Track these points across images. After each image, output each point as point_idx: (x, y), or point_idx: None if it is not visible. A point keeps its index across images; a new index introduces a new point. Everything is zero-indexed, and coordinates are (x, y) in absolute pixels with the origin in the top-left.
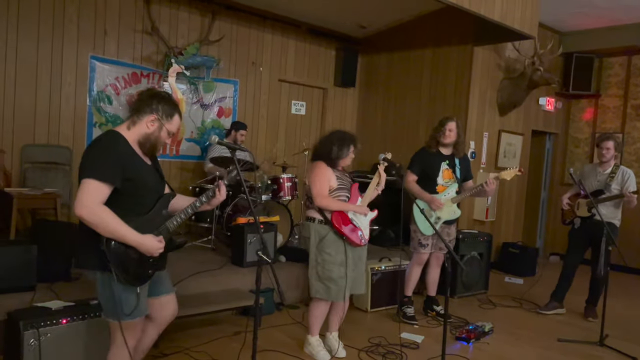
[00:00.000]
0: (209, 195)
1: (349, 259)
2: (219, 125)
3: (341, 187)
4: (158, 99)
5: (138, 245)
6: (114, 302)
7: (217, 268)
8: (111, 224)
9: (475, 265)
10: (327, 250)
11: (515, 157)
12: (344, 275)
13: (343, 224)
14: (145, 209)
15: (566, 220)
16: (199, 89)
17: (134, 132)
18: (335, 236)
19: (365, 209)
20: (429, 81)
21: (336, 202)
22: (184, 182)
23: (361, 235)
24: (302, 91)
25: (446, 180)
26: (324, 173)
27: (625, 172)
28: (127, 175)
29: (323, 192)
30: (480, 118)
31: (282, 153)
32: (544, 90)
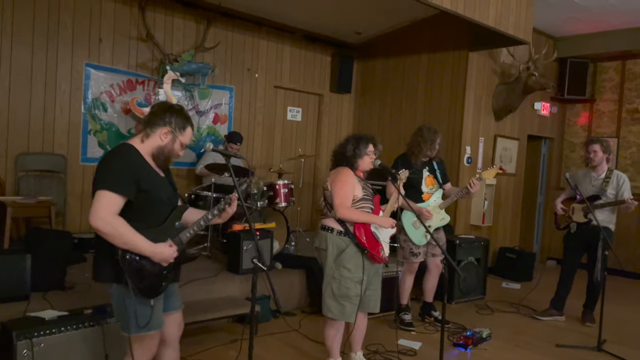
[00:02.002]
0: (220, 209)
1: (365, 277)
2: (214, 132)
3: (366, 198)
4: (171, 111)
5: (152, 254)
6: (128, 315)
7: (213, 275)
8: (126, 234)
9: (472, 271)
10: (347, 265)
11: (512, 161)
12: (360, 294)
13: (366, 237)
14: (158, 221)
15: (560, 225)
16: (194, 95)
17: (148, 145)
18: (355, 250)
19: (391, 221)
20: (425, 87)
21: (361, 214)
22: (179, 188)
23: (382, 251)
24: (297, 97)
25: (430, 187)
26: (349, 181)
27: (620, 176)
28: (141, 187)
29: (347, 202)
30: (475, 123)
31: (278, 159)
32: (539, 95)
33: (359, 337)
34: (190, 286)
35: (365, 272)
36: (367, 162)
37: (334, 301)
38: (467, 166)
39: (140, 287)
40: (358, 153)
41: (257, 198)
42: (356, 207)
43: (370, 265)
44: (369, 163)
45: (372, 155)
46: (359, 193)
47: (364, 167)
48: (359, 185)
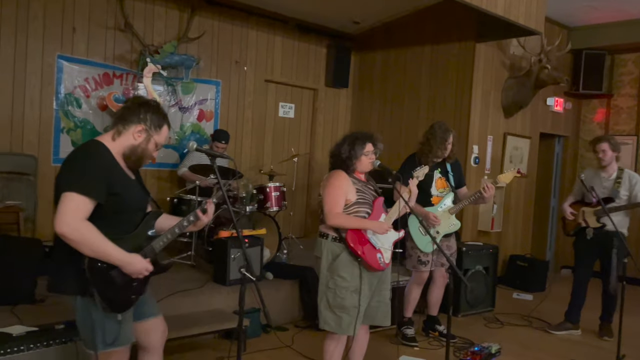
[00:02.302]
0: (196, 215)
1: (365, 285)
2: (199, 130)
3: (361, 202)
4: (146, 107)
5: (125, 264)
6: (94, 331)
7: (198, 287)
8: (96, 242)
9: (481, 281)
10: (341, 273)
11: (522, 162)
12: (358, 305)
13: (359, 243)
14: (129, 227)
15: (570, 231)
16: (177, 90)
17: (119, 144)
18: (350, 257)
19: (385, 226)
20: (428, 81)
21: (351, 220)
22: (161, 192)
23: (380, 258)
24: (290, 92)
25: (440, 190)
26: (340, 185)
27: (632, 176)
28: (112, 190)
29: (336, 208)
30: (483, 120)
31: (268, 160)
32: (552, 90)
33: (359, 352)
34: (172, 298)
35: (365, 280)
36: (366, 163)
37: (331, 312)
38: (474, 167)
39: (108, 300)
40: (354, 154)
41: (245, 202)
42: (348, 212)
43: (371, 274)
44: (367, 164)
45: (370, 156)
46: (352, 197)
47: (363, 169)
48: (352, 188)
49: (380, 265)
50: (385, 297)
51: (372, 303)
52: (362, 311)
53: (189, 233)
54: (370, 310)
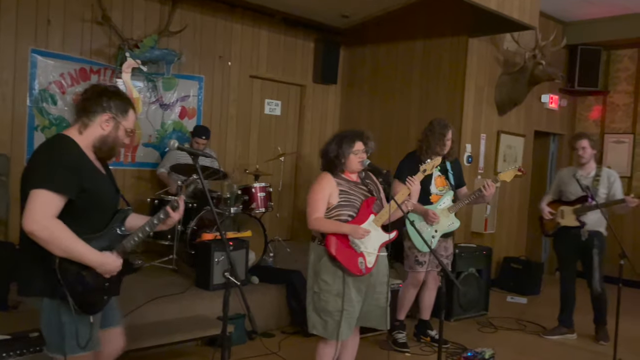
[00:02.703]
0: (166, 214)
1: (350, 290)
2: (181, 127)
3: (343, 204)
4: (108, 95)
5: (98, 264)
6: (64, 334)
7: (180, 292)
8: (66, 241)
9: (474, 284)
10: (323, 276)
11: (517, 161)
12: (341, 309)
13: (338, 247)
14: (100, 225)
15: (549, 231)
16: (157, 86)
17: (88, 136)
18: (331, 261)
19: (360, 231)
20: (420, 77)
21: (328, 224)
22: (141, 193)
23: (362, 262)
24: (276, 89)
25: (440, 189)
26: (322, 189)
27: (611, 174)
28: (83, 186)
29: (315, 212)
30: (477, 118)
31: (254, 159)
32: (547, 86)
33: (348, 357)
34: (153, 304)
35: (350, 285)
36: (355, 162)
37: (317, 316)
38: (467, 166)
39: (81, 301)
40: (342, 153)
41: (230, 203)
42: (330, 215)
43: (358, 278)
44: (356, 163)
45: (360, 155)
46: (333, 200)
47: (352, 168)
48: (336, 191)
49: (360, 270)
50: (379, 301)
51: (365, 307)
52: (351, 316)
53: (170, 236)
54: (365, 314)
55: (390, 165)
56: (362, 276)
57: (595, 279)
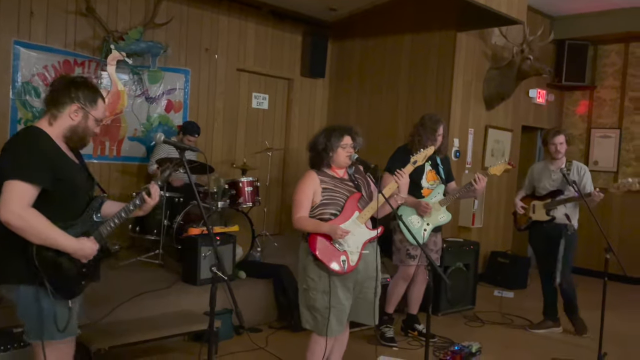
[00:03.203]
0: (141, 199)
1: (337, 288)
2: (167, 121)
3: (327, 202)
4: (76, 85)
5: (75, 250)
6: (43, 319)
7: (166, 287)
8: (42, 228)
9: (461, 278)
10: (310, 274)
11: (504, 156)
12: (329, 306)
13: (319, 246)
14: (75, 213)
15: (521, 226)
16: (143, 79)
17: (58, 127)
18: (315, 259)
19: (338, 232)
20: (408, 71)
21: (309, 223)
22: (126, 187)
23: (344, 261)
24: (264, 82)
25: (431, 183)
26: (305, 188)
27: (581, 167)
28: (57, 176)
29: (299, 212)
30: (464, 112)
31: (241, 153)
32: (535, 81)
33: (337, 352)
34: (139, 299)
35: (336, 283)
36: (342, 157)
37: (308, 311)
38: (455, 161)
39: (59, 287)
40: (330, 146)
41: (217, 197)
42: (313, 214)
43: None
44: (344, 158)
45: (348, 149)
46: (317, 198)
47: (340, 163)
48: (319, 189)
49: (342, 270)
50: (367, 296)
51: (354, 302)
52: (341, 313)
53: (156, 230)
54: (354, 309)
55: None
56: (346, 274)
57: (557, 269)
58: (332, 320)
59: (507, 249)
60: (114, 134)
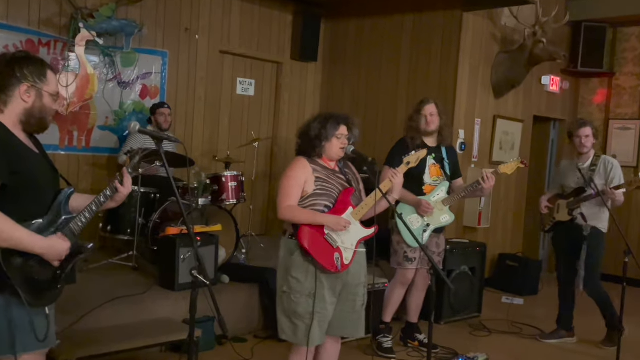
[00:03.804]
0: (112, 189)
1: (324, 290)
2: (142, 108)
3: (321, 193)
4: (19, 63)
5: (44, 250)
6: (14, 330)
7: (141, 293)
8: (5, 230)
9: (466, 283)
10: (294, 274)
11: (514, 149)
12: (312, 311)
13: (311, 240)
14: (40, 209)
15: (545, 227)
16: (116, 62)
17: (11, 113)
18: (303, 256)
19: (342, 223)
20: (409, 55)
21: (303, 213)
22: (97, 181)
23: (337, 258)
24: (250, 66)
25: (434, 179)
26: (294, 175)
27: (608, 162)
28: (15, 168)
29: (288, 200)
30: (471, 101)
31: (224, 145)
32: (548, 67)
33: None
34: (111, 306)
35: (324, 284)
36: (336, 148)
37: (286, 319)
38: (460, 154)
39: (33, 293)
40: (324, 134)
41: (197, 194)
42: (304, 205)
43: (332, 276)
44: (338, 149)
45: (343, 140)
46: (309, 188)
47: (332, 154)
48: (312, 178)
49: (335, 267)
50: (355, 304)
51: (337, 311)
52: (324, 319)
53: (130, 230)
54: (337, 319)
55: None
56: (338, 274)
57: (579, 276)
58: (315, 327)
59: (517, 251)
60: (83, 122)
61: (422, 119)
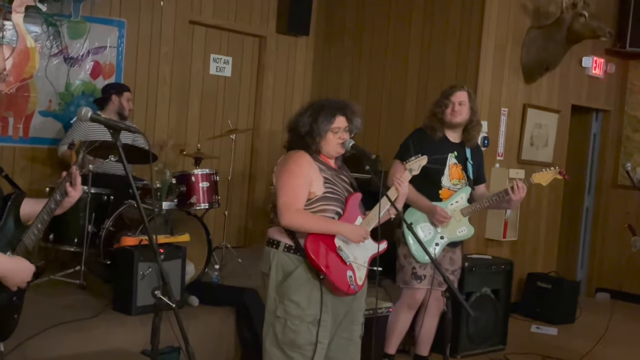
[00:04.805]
0: (62, 192)
1: (327, 315)
2: (93, 90)
3: (330, 196)
4: None
5: (9, 273)
6: None
7: (90, 317)
8: None
9: (488, 308)
10: (294, 297)
11: (548, 145)
12: (315, 341)
13: (324, 254)
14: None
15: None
16: (61, 33)
17: None
18: (308, 274)
19: (362, 232)
20: (421, 30)
21: (317, 220)
22: (37, 179)
23: (351, 277)
24: (226, 40)
25: (454, 182)
26: (301, 172)
27: None
28: None
29: (295, 202)
30: (496, 87)
31: (194, 136)
32: (590, 46)
33: None
34: (55, 332)
35: (328, 308)
36: (333, 144)
37: (279, 351)
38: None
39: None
40: (316, 129)
41: (161, 196)
42: (312, 209)
43: (337, 299)
44: (335, 145)
45: (341, 134)
46: (318, 189)
47: (330, 151)
48: (319, 177)
49: (350, 288)
50: (353, 334)
51: (335, 340)
52: (322, 352)
53: (77, 239)
54: (333, 351)
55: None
56: (342, 298)
57: None
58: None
59: (550, 270)
60: (21, 106)
61: (449, 107)
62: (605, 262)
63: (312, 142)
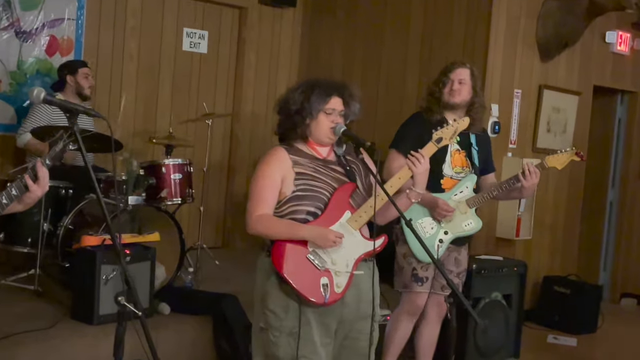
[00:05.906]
0: (21, 187)
1: (312, 328)
2: (50, 69)
3: (303, 195)
4: None
5: None
6: None
7: (46, 327)
8: None
9: (499, 316)
10: (271, 305)
11: (566, 131)
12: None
13: (289, 260)
14: None
15: None
16: (12, 3)
17: None
18: (281, 281)
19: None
20: (424, 3)
21: (278, 225)
22: None
23: (326, 285)
24: (201, 12)
25: (457, 170)
26: (270, 173)
27: None
28: None
29: (259, 207)
30: (508, 65)
31: (165, 121)
32: (615, 19)
33: None
34: (7, 345)
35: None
36: (325, 127)
37: None
38: (492, 137)
39: None
40: (307, 108)
41: (127, 189)
42: (281, 213)
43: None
44: (327, 129)
45: (335, 116)
46: (287, 189)
47: (320, 136)
48: (290, 174)
49: (322, 298)
50: (358, 343)
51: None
52: None
53: (31, 239)
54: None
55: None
56: (327, 307)
57: None
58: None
59: (568, 273)
60: None
61: (447, 85)
62: (631, 264)
63: (301, 122)
